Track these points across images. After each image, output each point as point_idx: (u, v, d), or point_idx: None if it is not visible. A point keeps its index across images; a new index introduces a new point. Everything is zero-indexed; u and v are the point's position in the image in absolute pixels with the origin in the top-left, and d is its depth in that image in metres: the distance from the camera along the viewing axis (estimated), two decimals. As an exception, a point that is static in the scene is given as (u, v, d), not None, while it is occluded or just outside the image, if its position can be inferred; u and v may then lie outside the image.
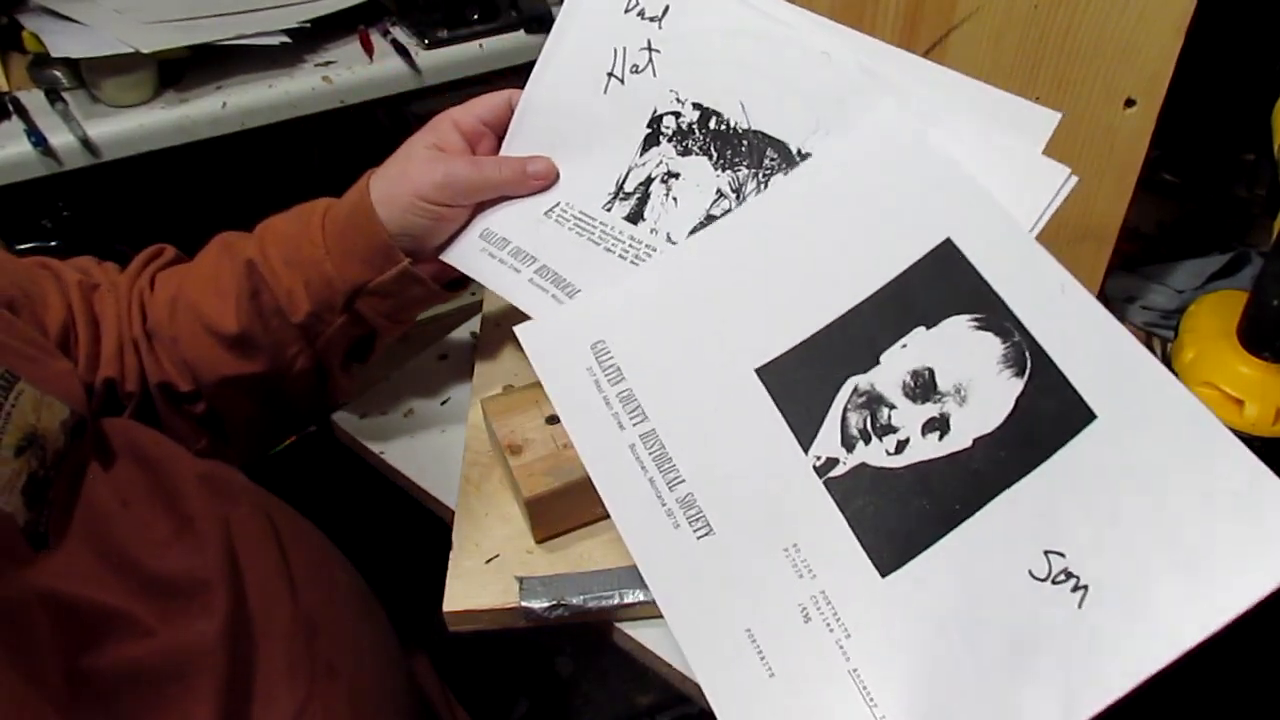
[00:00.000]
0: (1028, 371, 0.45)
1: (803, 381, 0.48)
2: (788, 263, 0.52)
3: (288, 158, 1.24)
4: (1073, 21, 0.64)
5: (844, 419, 0.47)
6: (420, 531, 0.69)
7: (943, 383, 0.46)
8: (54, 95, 0.97)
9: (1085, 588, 0.40)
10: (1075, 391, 0.44)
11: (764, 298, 0.51)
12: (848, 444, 0.47)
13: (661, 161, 0.62)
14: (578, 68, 0.63)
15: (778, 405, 0.48)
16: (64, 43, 0.95)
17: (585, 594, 0.55)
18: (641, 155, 0.63)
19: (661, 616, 0.48)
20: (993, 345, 0.46)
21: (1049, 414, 0.44)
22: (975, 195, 0.50)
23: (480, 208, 0.64)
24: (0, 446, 0.46)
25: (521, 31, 1.13)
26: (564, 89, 0.63)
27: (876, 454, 0.46)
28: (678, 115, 0.61)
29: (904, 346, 0.48)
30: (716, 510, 0.46)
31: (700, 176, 0.60)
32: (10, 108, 0.96)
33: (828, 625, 0.43)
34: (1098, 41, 0.64)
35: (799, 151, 0.57)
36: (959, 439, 0.45)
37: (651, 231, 0.61)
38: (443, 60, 1.10)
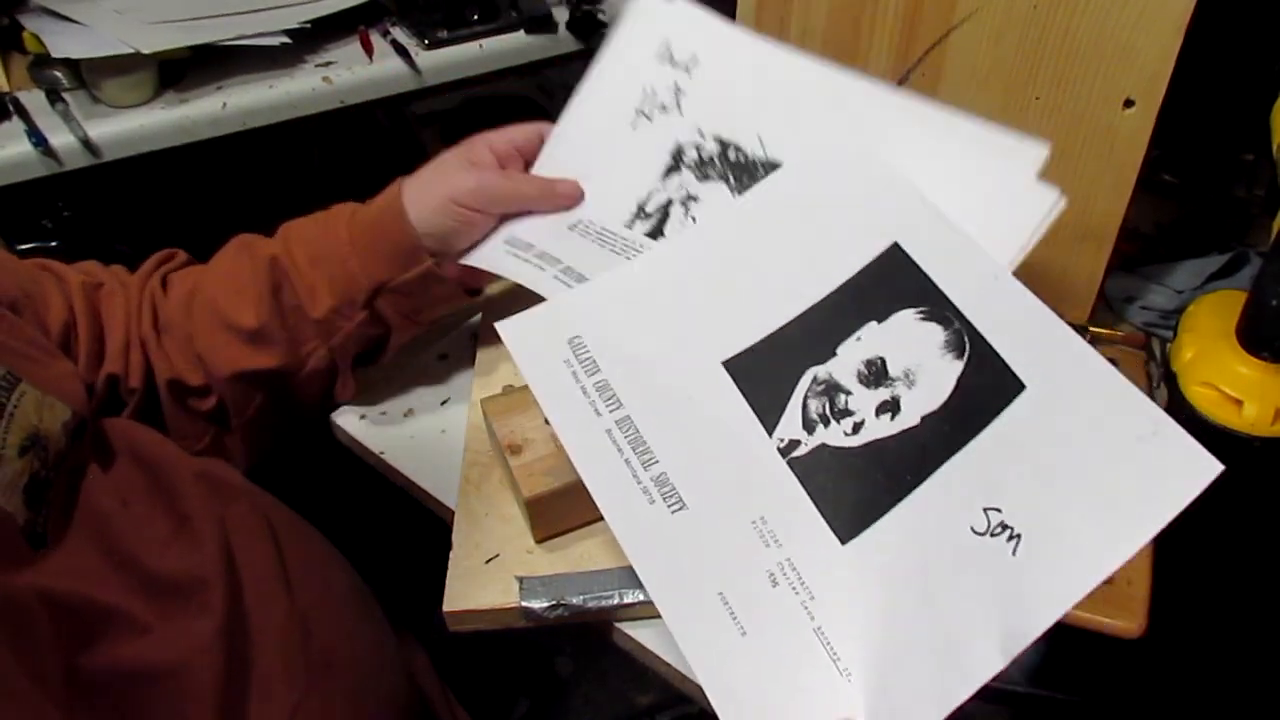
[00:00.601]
0: (967, 353, 0.50)
1: (766, 372, 0.53)
2: (751, 266, 0.57)
3: (288, 158, 1.24)
4: (1072, 22, 0.64)
5: (805, 405, 0.52)
6: (420, 531, 0.69)
7: (893, 369, 0.51)
8: (54, 95, 0.97)
9: (1018, 536, 0.45)
10: (1007, 366, 0.49)
11: (729, 298, 0.56)
12: (808, 427, 0.51)
13: (681, 186, 0.66)
14: (611, 105, 0.68)
15: (744, 394, 0.53)
16: (64, 43, 0.95)
17: (585, 594, 0.55)
18: (662, 181, 0.67)
19: (660, 617, 0.49)
20: (936, 333, 0.52)
21: (986, 389, 0.49)
22: (919, 203, 0.56)
23: (505, 219, 0.67)
24: (5, 446, 0.46)
25: (521, 31, 1.13)
26: (595, 121, 0.68)
27: (835, 435, 0.51)
28: (699, 147, 0.65)
29: (858, 339, 0.53)
30: (689, 487, 0.50)
31: (718, 199, 0.64)
32: (11, 108, 0.96)
33: (793, 588, 0.47)
34: (1097, 41, 0.64)
35: None
36: (909, 418, 0.50)
37: None
38: (443, 60, 1.10)
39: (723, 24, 0.67)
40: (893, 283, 0.53)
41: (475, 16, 1.11)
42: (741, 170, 0.63)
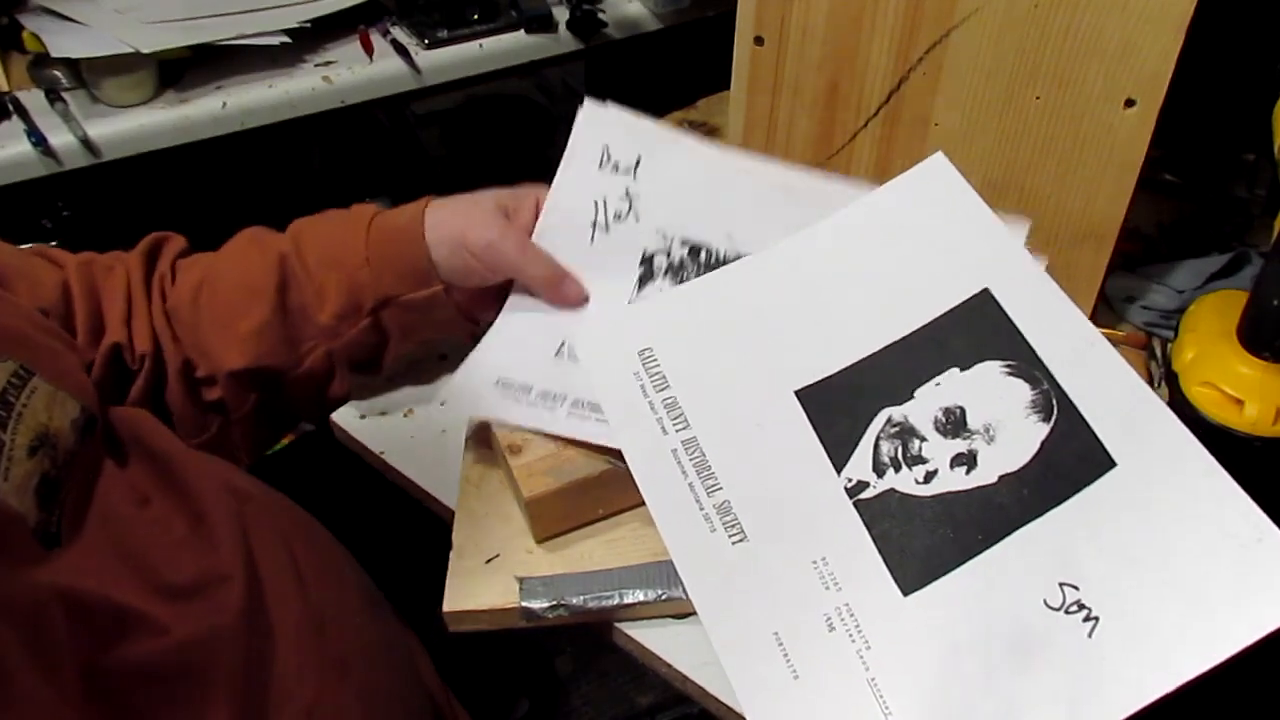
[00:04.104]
0: (1054, 418, 0.48)
1: (839, 407, 0.51)
2: (833, 294, 0.55)
3: (288, 158, 1.24)
4: (1073, 21, 0.64)
5: (876, 446, 0.50)
6: (421, 532, 0.69)
7: (973, 421, 0.49)
8: (54, 95, 0.97)
9: (1096, 619, 0.43)
10: (1098, 440, 0.47)
11: (807, 324, 0.54)
12: (878, 470, 0.49)
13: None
14: (567, 219, 0.65)
15: (814, 427, 0.51)
16: (64, 43, 0.94)
17: (585, 594, 0.55)
18: (639, 292, 0.64)
19: (660, 617, 0.49)
20: (1022, 391, 0.49)
21: (1071, 458, 0.47)
22: (1013, 250, 0.53)
23: (496, 343, 0.63)
24: (14, 447, 0.46)
25: (521, 31, 1.13)
26: (560, 235, 0.64)
27: (905, 482, 0.49)
28: (667, 253, 0.64)
29: (938, 385, 0.51)
30: (751, 519, 0.49)
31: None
32: (10, 108, 0.96)
33: (850, 636, 0.45)
34: (1098, 41, 0.64)
35: None
36: (985, 474, 0.48)
37: None
38: (443, 60, 1.10)
39: (656, 126, 0.67)
40: (980, 330, 0.51)
41: (475, 16, 1.11)
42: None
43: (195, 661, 0.47)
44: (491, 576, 0.57)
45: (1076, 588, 0.44)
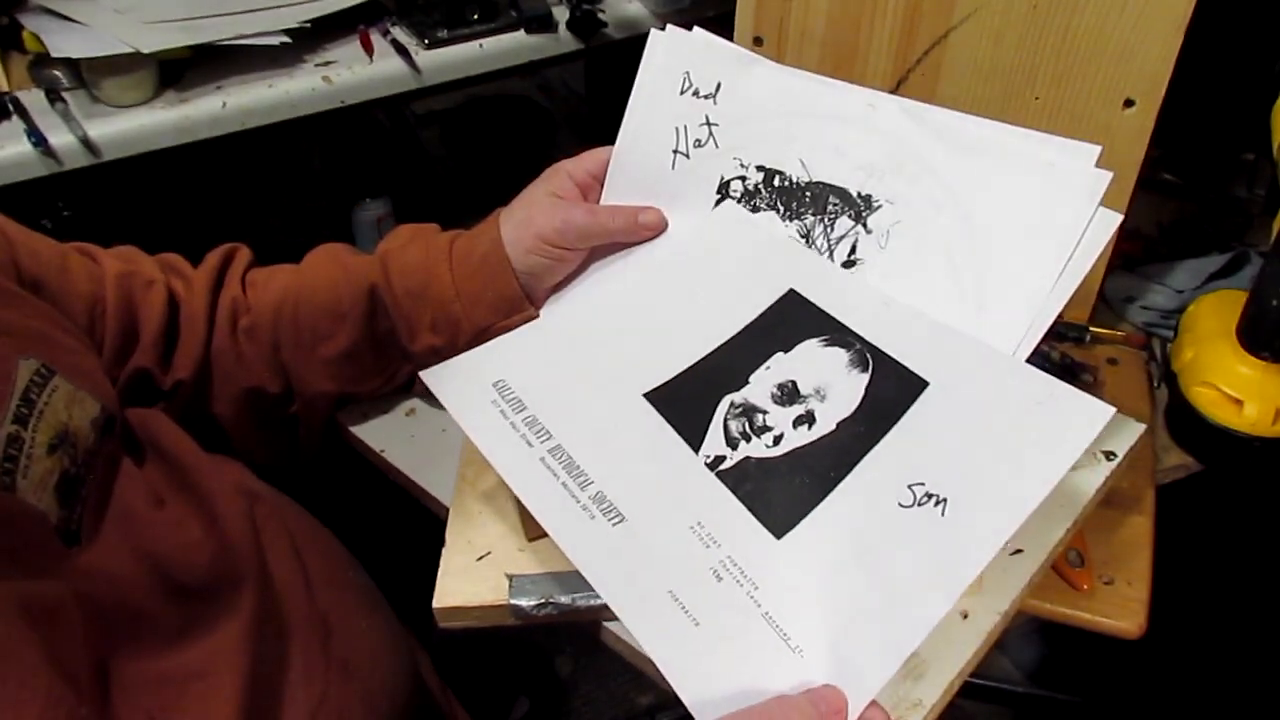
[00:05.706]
0: (870, 367, 0.56)
1: (686, 401, 0.58)
2: (663, 315, 0.63)
3: (288, 158, 1.24)
4: (1072, 22, 0.64)
5: (725, 426, 0.56)
6: (421, 530, 0.69)
7: (804, 388, 0.57)
8: (54, 95, 0.97)
9: (945, 500, 0.50)
10: (909, 370, 0.55)
11: (644, 342, 0.61)
12: (731, 444, 0.56)
13: None
14: (646, 148, 0.68)
15: (667, 420, 0.57)
16: (64, 43, 0.95)
17: (574, 593, 0.55)
18: None
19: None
20: (840, 355, 0.57)
21: (893, 391, 0.55)
22: (804, 254, 0.63)
23: (594, 254, 0.68)
24: (34, 445, 0.46)
25: (521, 31, 1.12)
26: (638, 166, 0.68)
27: (757, 448, 0.55)
28: (744, 179, 0.66)
29: (768, 368, 0.58)
30: (625, 501, 0.53)
31: (771, 228, 0.65)
32: (10, 108, 0.96)
33: (737, 582, 0.50)
34: (1097, 42, 0.64)
35: (858, 194, 0.62)
36: (825, 426, 0.55)
37: None
38: (443, 60, 1.10)
39: (738, 50, 0.67)
40: (793, 320, 0.60)
41: (475, 16, 1.11)
42: (790, 196, 0.64)
43: (205, 662, 0.47)
44: (483, 573, 0.57)
45: (923, 483, 0.51)
